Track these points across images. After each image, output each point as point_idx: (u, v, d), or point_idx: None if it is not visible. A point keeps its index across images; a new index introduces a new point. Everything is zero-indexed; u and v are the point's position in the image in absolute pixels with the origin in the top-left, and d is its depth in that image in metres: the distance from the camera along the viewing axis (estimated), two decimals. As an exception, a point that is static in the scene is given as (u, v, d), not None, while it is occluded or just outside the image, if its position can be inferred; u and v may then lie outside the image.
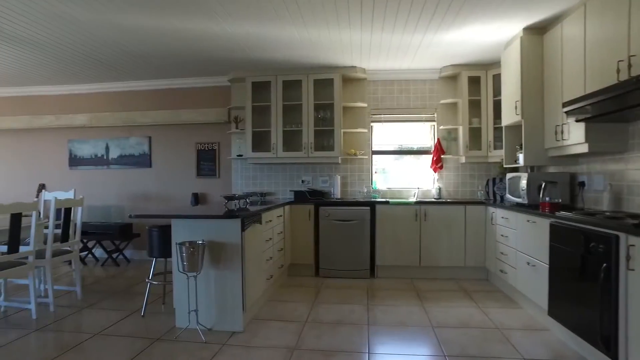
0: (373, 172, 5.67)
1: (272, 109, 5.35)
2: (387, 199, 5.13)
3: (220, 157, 5.96)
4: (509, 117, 4.33)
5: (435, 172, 5.43)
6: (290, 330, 3.25)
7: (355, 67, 5.29)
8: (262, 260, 3.82)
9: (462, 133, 5.23)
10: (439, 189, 5.41)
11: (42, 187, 6.29)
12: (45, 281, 3.94)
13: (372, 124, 5.64)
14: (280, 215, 4.56)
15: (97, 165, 6.25)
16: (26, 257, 3.55)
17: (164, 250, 3.50)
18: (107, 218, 6.17)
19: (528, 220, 3.55)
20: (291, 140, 5.41)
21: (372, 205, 4.96)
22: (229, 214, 3.21)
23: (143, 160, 6.13)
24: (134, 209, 6.07)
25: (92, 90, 6.18)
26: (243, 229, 3.24)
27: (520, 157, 4.12)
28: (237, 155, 5.66)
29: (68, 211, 4.01)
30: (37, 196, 5.99)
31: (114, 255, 5.79)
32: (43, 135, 6.38)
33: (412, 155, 5.72)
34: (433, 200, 5.11)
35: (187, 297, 3.21)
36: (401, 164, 5.77)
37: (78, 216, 4.17)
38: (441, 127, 5.44)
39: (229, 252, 3.22)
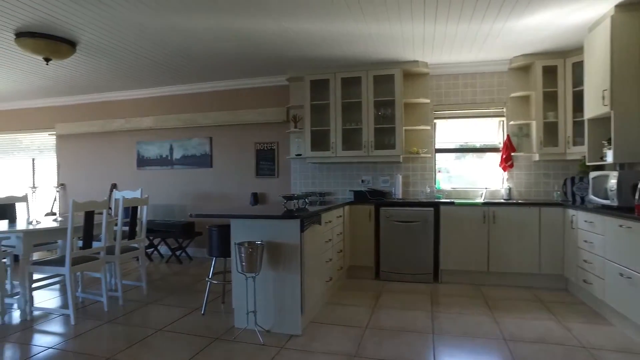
0: (436, 171, 5.38)
1: (331, 107, 5.25)
2: (452, 200, 4.83)
3: (279, 157, 5.96)
4: (593, 108, 3.87)
5: (504, 171, 5.03)
6: (350, 335, 3.12)
7: (417, 61, 5.03)
8: (322, 262, 3.72)
9: (535, 128, 4.79)
10: (509, 189, 5.01)
11: (114, 186, 6.69)
12: (115, 276, 4.13)
13: (435, 120, 5.36)
14: (340, 216, 4.43)
15: (162, 165, 6.52)
16: (98, 253, 3.74)
17: (224, 250, 3.51)
18: (171, 217, 6.40)
19: (621, 225, 3.13)
20: (351, 139, 5.28)
21: (435, 206, 4.69)
22: (288, 214, 3.14)
23: (204, 161, 6.30)
24: (196, 208, 6.25)
25: (157, 94, 6.46)
26: (302, 230, 3.16)
27: (609, 153, 3.66)
28: (296, 155, 5.62)
29: (135, 209, 4.18)
30: (110, 195, 6.37)
31: (177, 253, 5.99)
32: (115, 137, 6.77)
33: (476, 154, 5.35)
34: (502, 201, 4.73)
35: (246, 297, 3.18)
36: (464, 162, 5.42)
37: (144, 214, 4.33)
38: (511, 122, 5.03)
39: (288, 253, 3.15)
